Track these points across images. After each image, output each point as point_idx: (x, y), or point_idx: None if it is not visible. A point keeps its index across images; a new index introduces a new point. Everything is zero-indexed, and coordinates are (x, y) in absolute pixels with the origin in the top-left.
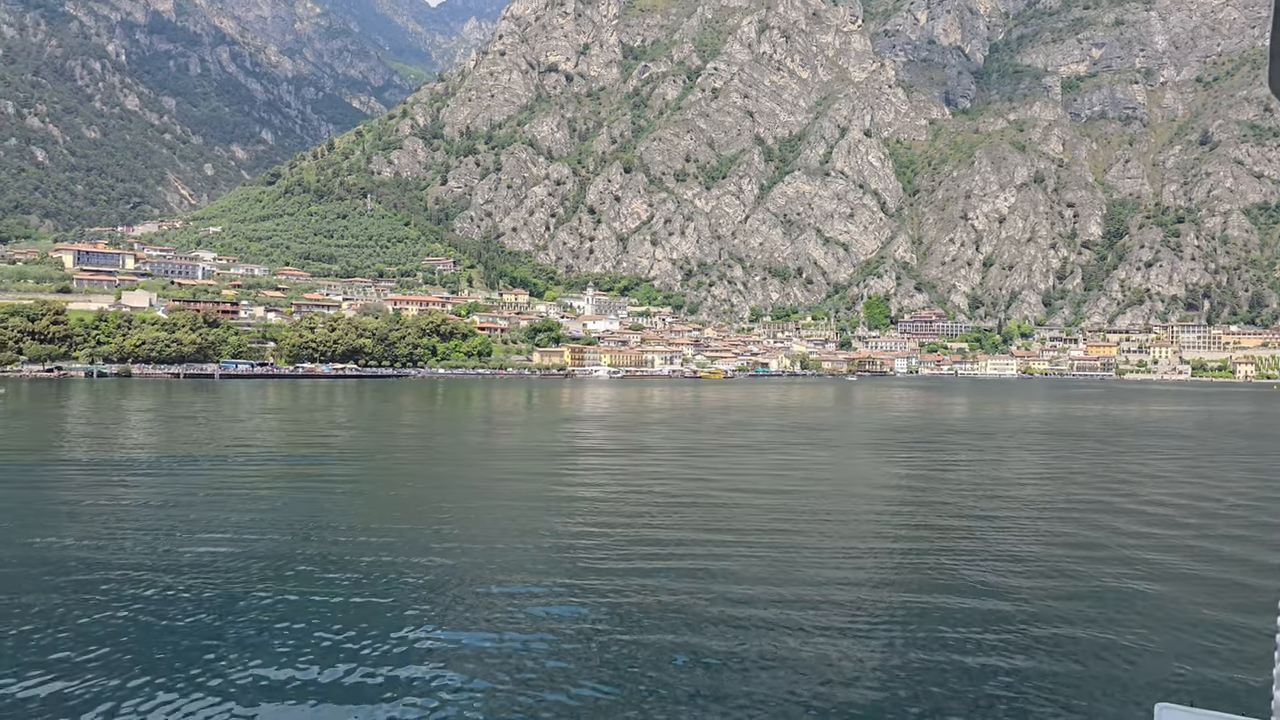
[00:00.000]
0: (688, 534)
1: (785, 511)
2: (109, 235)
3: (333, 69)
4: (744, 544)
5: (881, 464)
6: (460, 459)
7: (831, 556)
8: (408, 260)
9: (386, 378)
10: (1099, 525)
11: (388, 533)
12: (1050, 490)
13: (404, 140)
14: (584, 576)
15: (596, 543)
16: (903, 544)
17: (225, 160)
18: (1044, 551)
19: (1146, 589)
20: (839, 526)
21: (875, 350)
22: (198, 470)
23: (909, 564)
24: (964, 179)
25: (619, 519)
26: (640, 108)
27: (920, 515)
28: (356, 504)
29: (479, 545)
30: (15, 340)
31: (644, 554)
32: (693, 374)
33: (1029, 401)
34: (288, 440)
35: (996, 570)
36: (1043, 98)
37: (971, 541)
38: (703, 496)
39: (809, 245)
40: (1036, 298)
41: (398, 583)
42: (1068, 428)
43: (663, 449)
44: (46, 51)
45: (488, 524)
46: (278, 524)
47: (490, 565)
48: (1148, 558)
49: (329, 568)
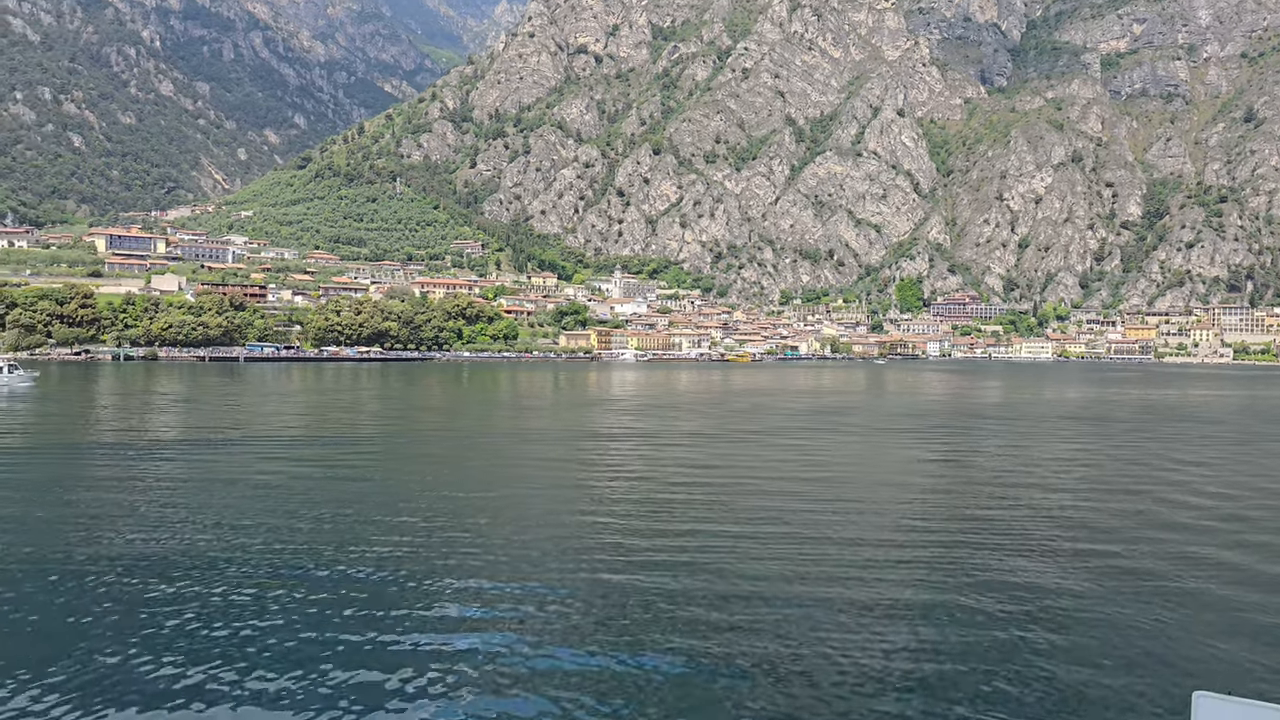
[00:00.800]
0: (712, 525)
1: (813, 499)
2: (142, 220)
3: (365, 53)
4: (767, 533)
5: (911, 450)
6: (478, 444)
7: (862, 544)
8: (436, 243)
9: (411, 361)
10: (1135, 512)
11: (405, 529)
12: (1084, 476)
13: (433, 123)
14: (611, 560)
15: (623, 528)
16: (933, 531)
17: (258, 145)
18: (1078, 537)
19: (1184, 576)
20: (869, 516)
21: (907, 333)
22: (207, 455)
23: (940, 550)
24: (999, 159)
25: (643, 507)
26: (670, 89)
27: (951, 502)
28: (373, 492)
29: (501, 535)
30: (44, 324)
31: (667, 544)
32: (720, 357)
33: (1064, 385)
34: (305, 424)
35: (1030, 556)
36: (1081, 75)
37: (1004, 527)
38: (722, 483)
39: (840, 227)
40: (1073, 280)
41: (426, 570)
42: (1104, 412)
43: (682, 434)
44: (83, 38)
45: (510, 512)
46: (290, 511)
47: (513, 552)
48: (1186, 545)
49: (348, 555)
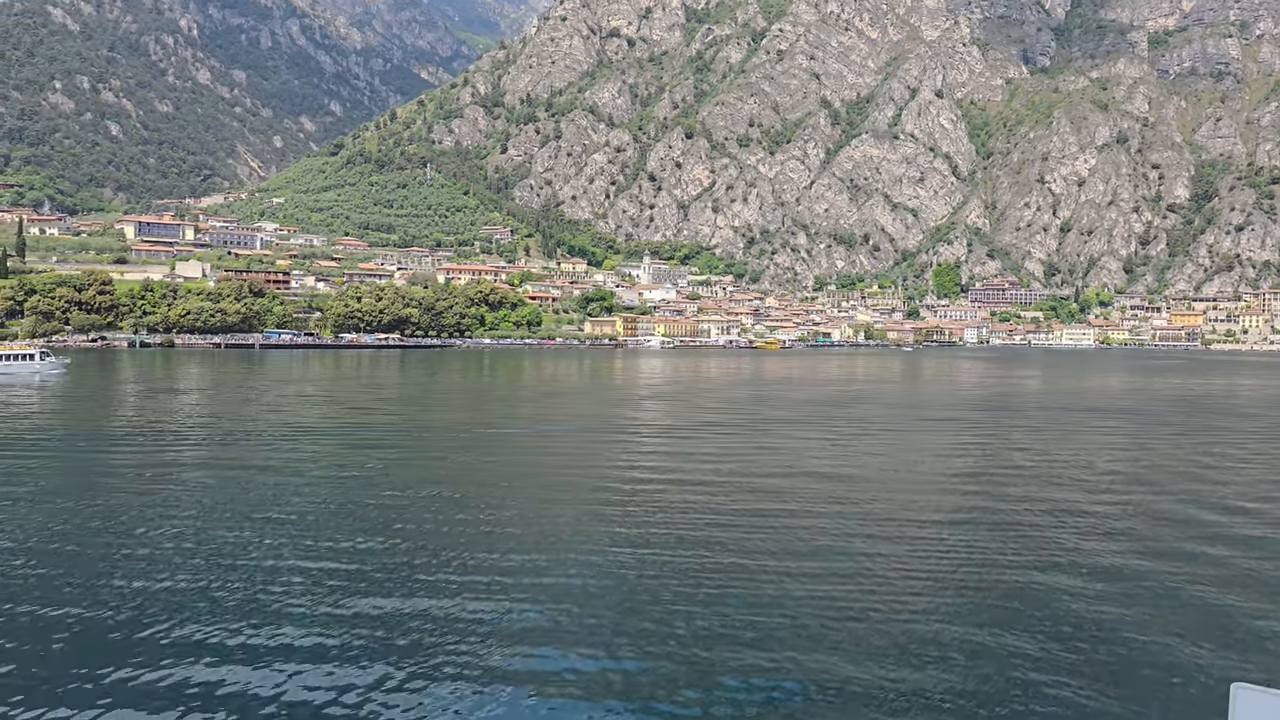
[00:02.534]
0: (737, 529)
1: (840, 502)
2: (175, 207)
3: (401, 40)
4: (788, 535)
5: (941, 446)
6: (457, 440)
7: (897, 544)
8: (466, 230)
9: (430, 348)
10: (1174, 509)
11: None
12: (1127, 470)
13: (464, 109)
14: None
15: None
16: (969, 528)
17: (294, 132)
18: (1119, 528)
19: (1225, 570)
20: (903, 519)
21: (944, 319)
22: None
23: (977, 547)
24: (1041, 140)
25: (654, 520)
26: (703, 72)
27: (986, 500)
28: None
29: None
30: (63, 310)
31: (690, 550)
32: (749, 344)
33: (1106, 374)
34: (279, 418)
35: (1069, 550)
36: (1128, 54)
37: (1042, 521)
38: (725, 483)
39: (876, 211)
40: (1117, 264)
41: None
42: (1145, 406)
43: (667, 427)
44: (121, 27)
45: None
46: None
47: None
48: (1228, 538)
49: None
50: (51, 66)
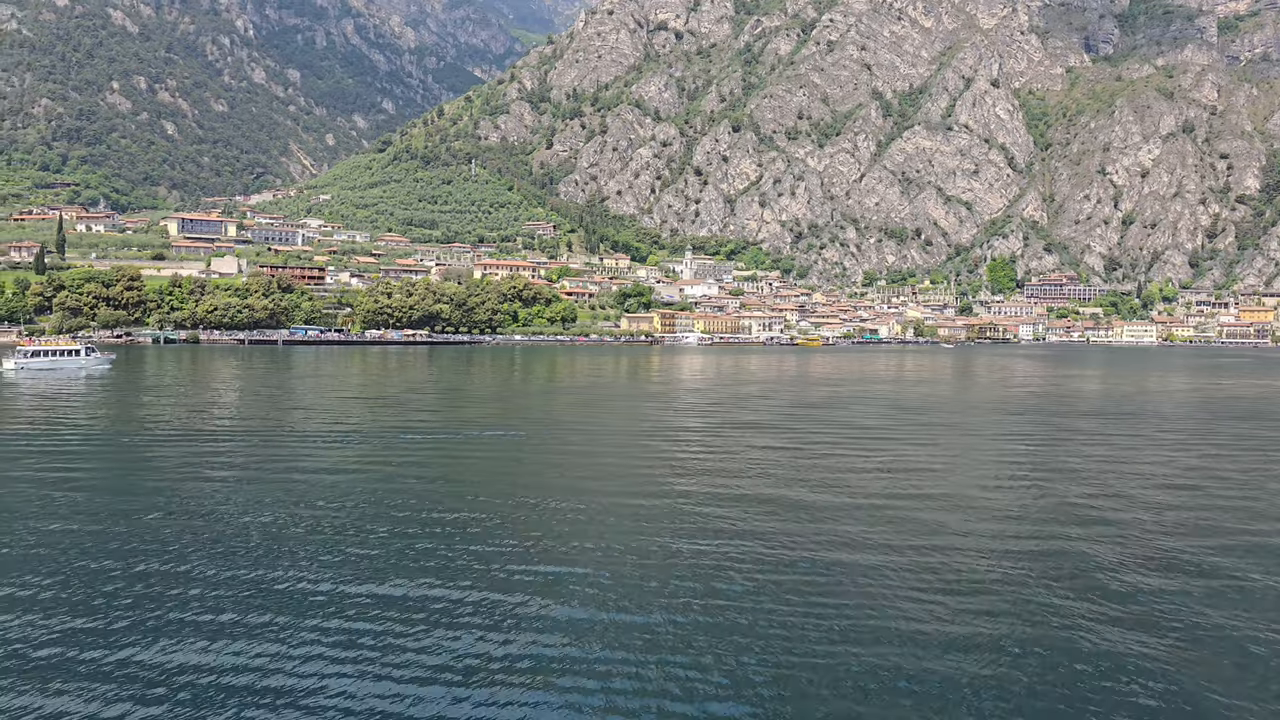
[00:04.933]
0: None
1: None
2: (223, 204)
3: (455, 38)
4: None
5: (993, 459)
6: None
7: (954, 571)
8: (509, 226)
9: (459, 345)
10: (1243, 524)
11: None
12: (1192, 483)
13: (511, 104)
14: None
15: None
16: (1028, 545)
17: (346, 130)
18: (1187, 546)
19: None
20: (957, 542)
21: (998, 316)
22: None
23: (1038, 564)
24: (1102, 130)
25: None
26: (751, 64)
27: (1048, 517)
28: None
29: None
30: (90, 306)
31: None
32: (790, 341)
33: (1169, 373)
34: (258, 419)
35: (1136, 568)
36: (1195, 40)
37: (1110, 534)
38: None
39: (928, 204)
40: (1182, 258)
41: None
42: (1223, 409)
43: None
44: (179, 29)
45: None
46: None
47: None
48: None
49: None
50: (110, 67)
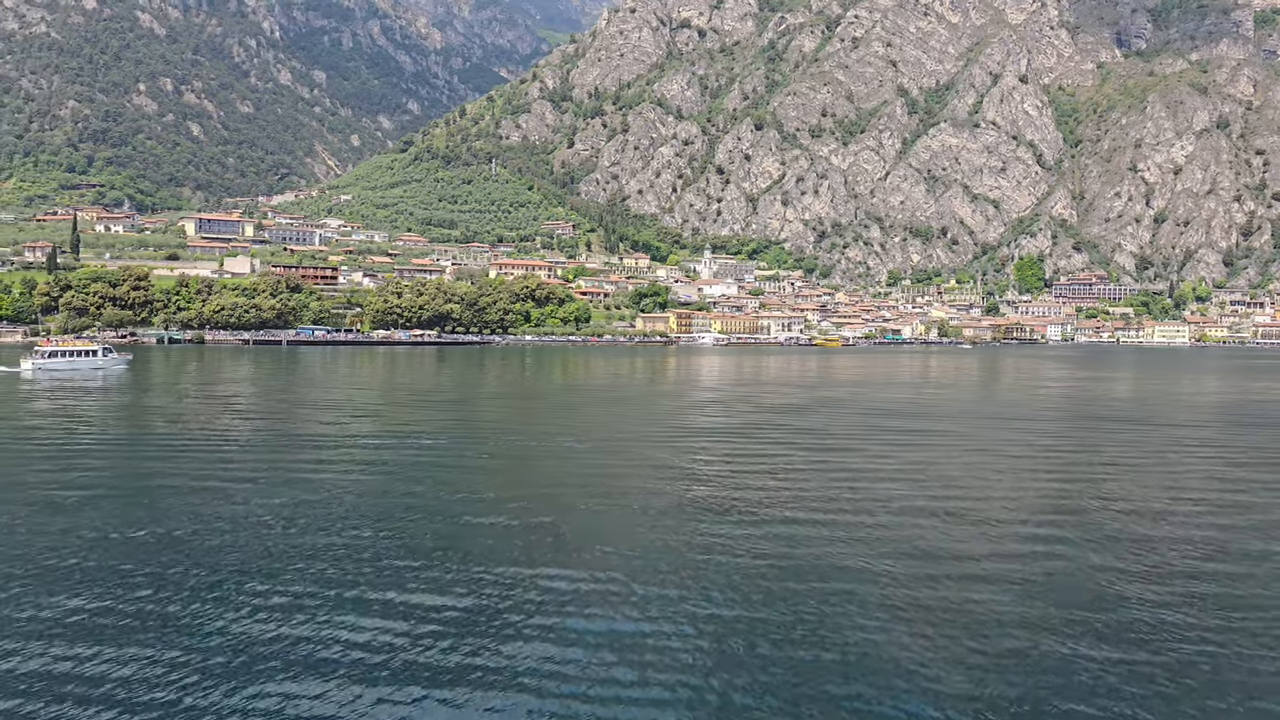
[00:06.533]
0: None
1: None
2: (245, 205)
3: (482, 39)
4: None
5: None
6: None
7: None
8: (528, 225)
9: (468, 345)
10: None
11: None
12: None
13: (532, 104)
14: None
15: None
16: (1056, 567)
17: (371, 131)
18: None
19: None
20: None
21: (1025, 316)
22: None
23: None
24: (1134, 126)
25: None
26: (775, 62)
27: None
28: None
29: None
30: (96, 306)
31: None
32: (809, 342)
33: (1201, 374)
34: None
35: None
36: (1231, 35)
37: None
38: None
39: (955, 203)
40: (1216, 257)
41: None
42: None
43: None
44: (207, 31)
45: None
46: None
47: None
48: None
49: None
50: (137, 69)
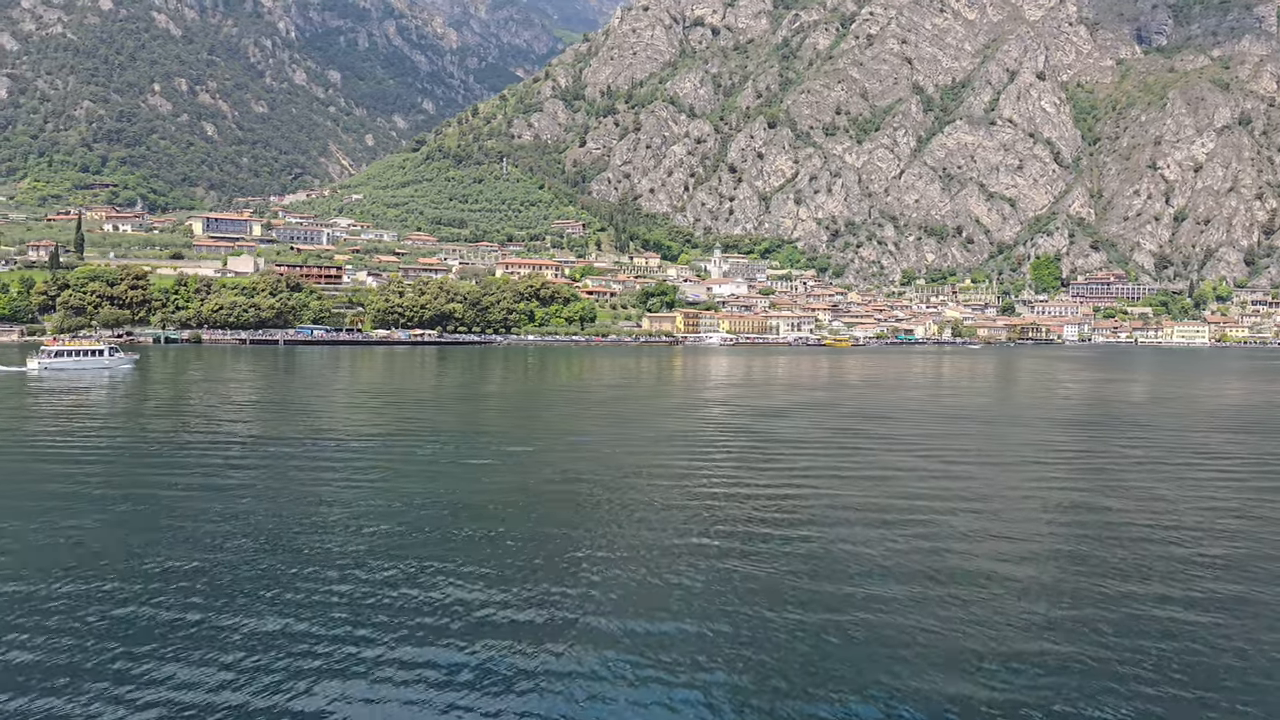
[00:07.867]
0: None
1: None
2: (256, 204)
3: (498, 39)
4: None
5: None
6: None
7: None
8: (539, 224)
9: (469, 345)
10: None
11: None
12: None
13: (545, 103)
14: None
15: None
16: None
17: (386, 131)
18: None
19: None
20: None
21: (1041, 316)
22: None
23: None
24: (1154, 123)
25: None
26: (789, 59)
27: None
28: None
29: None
30: (94, 305)
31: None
32: (818, 342)
33: (1221, 375)
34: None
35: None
36: (1254, 30)
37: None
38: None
39: (970, 201)
40: (1237, 256)
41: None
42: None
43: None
44: (222, 31)
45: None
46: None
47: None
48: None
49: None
50: (152, 70)
